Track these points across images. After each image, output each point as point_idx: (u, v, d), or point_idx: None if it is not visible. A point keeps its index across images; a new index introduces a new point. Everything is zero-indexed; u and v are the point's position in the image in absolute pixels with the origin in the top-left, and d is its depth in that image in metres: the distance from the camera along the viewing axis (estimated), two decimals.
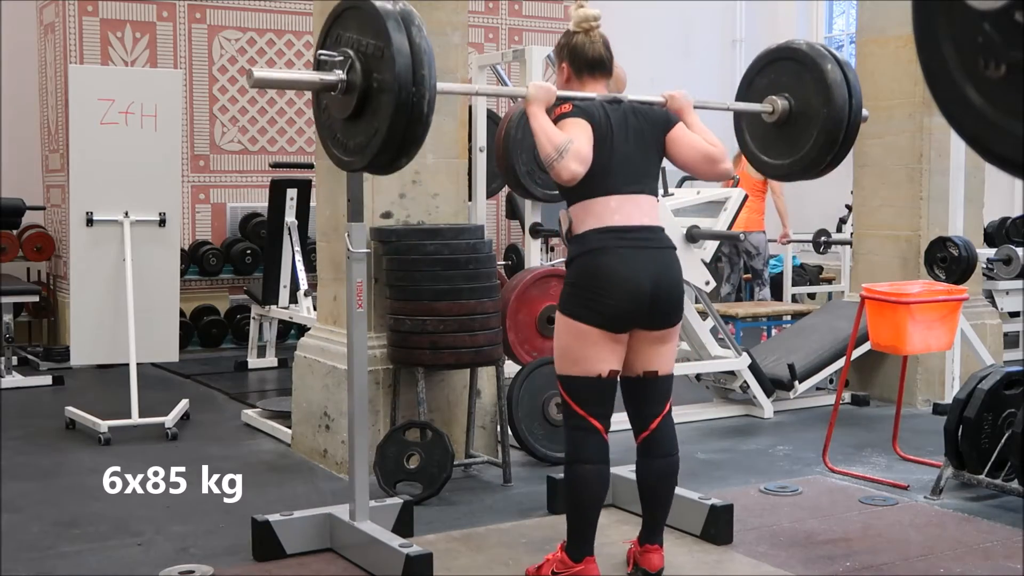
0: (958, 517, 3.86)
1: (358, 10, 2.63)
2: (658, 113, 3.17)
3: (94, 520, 3.81)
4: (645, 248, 3.03)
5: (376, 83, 2.54)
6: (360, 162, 2.68)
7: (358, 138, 2.63)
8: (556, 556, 3.11)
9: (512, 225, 8.58)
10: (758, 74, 3.45)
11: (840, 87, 3.23)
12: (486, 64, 6.03)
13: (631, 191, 3.05)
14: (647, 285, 2.98)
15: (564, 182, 2.96)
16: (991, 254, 6.75)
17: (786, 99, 3.34)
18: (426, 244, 4.15)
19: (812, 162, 3.33)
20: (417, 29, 2.53)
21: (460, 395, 4.42)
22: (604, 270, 2.97)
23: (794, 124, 3.33)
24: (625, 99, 3.12)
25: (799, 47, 3.34)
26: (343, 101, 2.62)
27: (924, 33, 1.45)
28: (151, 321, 5.36)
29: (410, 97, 2.48)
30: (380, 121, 2.52)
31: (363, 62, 2.57)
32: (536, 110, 2.99)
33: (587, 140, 2.96)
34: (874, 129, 6.08)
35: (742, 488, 4.20)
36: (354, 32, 2.62)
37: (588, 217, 3.03)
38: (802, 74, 3.29)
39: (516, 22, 8.82)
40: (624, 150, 3.05)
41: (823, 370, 5.70)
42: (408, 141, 2.54)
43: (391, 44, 2.48)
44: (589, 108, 3.04)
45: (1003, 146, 1.36)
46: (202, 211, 7.83)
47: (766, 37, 10.30)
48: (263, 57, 7.92)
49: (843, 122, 3.24)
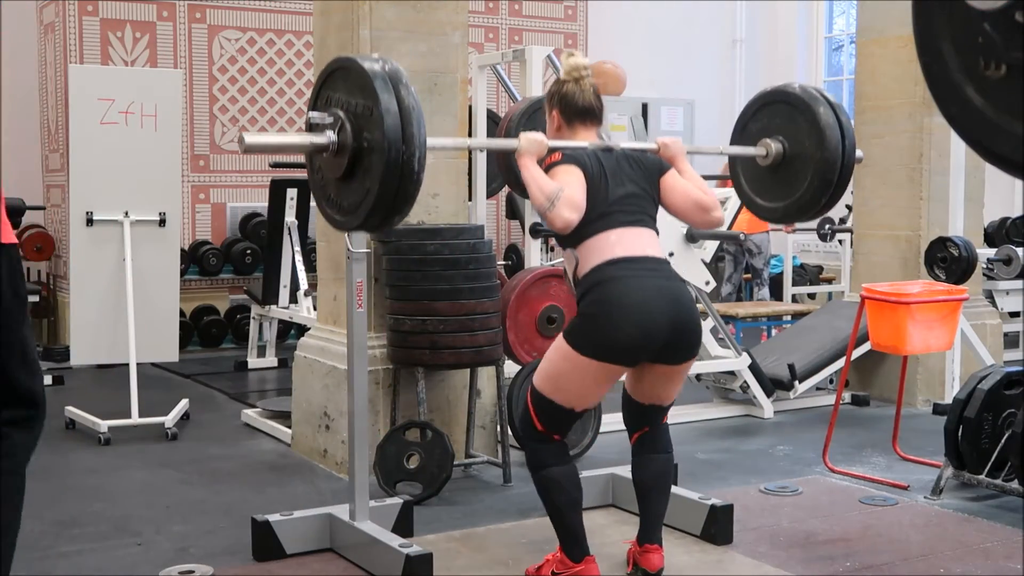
0: (958, 517, 3.86)
1: (346, 71, 2.65)
2: (651, 159, 3.18)
3: (94, 520, 3.81)
4: (654, 277, 2.99)
5: (366, 143, 2.56)
6: (354, 222, 2.69)
7: (351, 198, 2.65)
8: (556, 556, 3.11)
9: (512, 225, 8.58)
10: (752, 118, 3.47)
11: (833, 130, 3.23)
12: (486, 64, 6.03)
13: (630, 224, 3.04)
14: (661, 318, 2.93)
15: (559, 230, 2.95)
16: (991, 254, 6.75)
17: (780, 142, 3.35)
18: (426, 244, 4.15)
19: (807, 205, 3.34)
20: (405, 88, 2.55)
21: (460, 395, 4.42)
22: (614, 299, 2.93)
23: (788, 167, 3.34)
24: (617, 147, 3.14)
25: (792, 91, 3.35)
26: (335, 162, 2.65)
27: (924, 33, 1.46)
28: (151, 321, 5.36)
29: (400, 156, 2.49)
30: (372, 181, 2.55)
31: (353, 122, 2.59)
32: (527, 161, 3.00)
33: (579, 187, 2.96)
34: (874, 129, 6.09)
35: (742, 488, 4.20)
36: (343, 93, 2.64)
37: (592, 254, 3.00)
38: (795, 117, 3.31)
39: (516, 22, 8.82)
40: (620, 192, 3.05)
41: (823, 370, 5.70)
42: (400, 199, 2.56)
43: (379, 104, 2.50)
44: (579, 155, 3.05)
45: (1003, 146, 1.36)
46: (202, 211, 7.83)
47: (766, 37, 10.33)
48: (263, 57, 7.92)
49: (837, 165, 3.25)
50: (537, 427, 3.08)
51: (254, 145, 2.62)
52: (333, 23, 4.45)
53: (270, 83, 7.97)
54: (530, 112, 5.11)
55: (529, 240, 5.81)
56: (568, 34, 9.01)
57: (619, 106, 9.27)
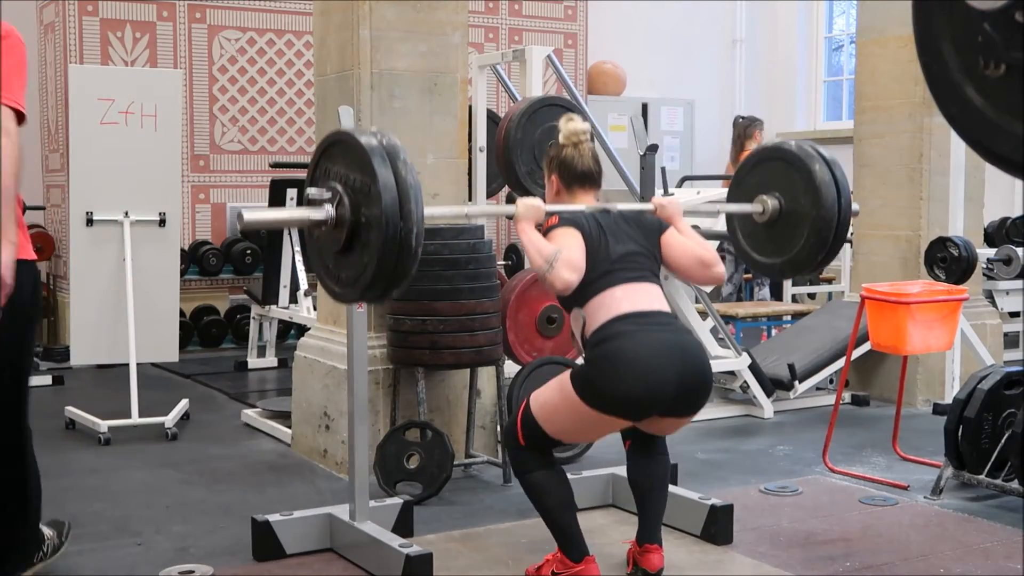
0: (958, 517, 3.86)
1: (344, 144, 2.66)
2: (649, 219, 3.20)
3: (94, 520, 3.81)
4: (664, 331, 2.97)
5: (364, 219, 2.57)
6: (353, 295, 2.71)
7: (349, 271, 2.67)
8: (556, 556, 3.11)
9: (512, 225, 8.57)
10: (748, 173, 3.48)
11: (829, 187, 3.25)
12: (486, 64, 6.03)
13: (635, 280, 3.04)
14: (670, 374, 2.91)
15: (559, 291, 2.96)
16: (991, 254, 6.74)
17: (776, 199, 3.36)
18: (426, 244, 4.12)
19: (803, 262, 3.36)
20: (403, 163, 2.55)
21: (460, 395, 4.42)
22: (622, 354, 2.90)
23: (785, 224, 3.35)
24: (614, 208, 3.15)
25: (788, 148, 3.37)
26: (333, 235, 2.66)
27: (924, 33, 1.46)
28: (151, 321, 5.36)
29: (398, 232, 2.50)
30: (369, 256, 2.56)
31: (351, 197, 2.60)
32: (525, 226, 3.00)
33: (578, 248, 2.97)
34: (874, 129, 6.09)
35: (742, 488, 4.20)
36: (341, 167, 2.65)
37: (599, 312, 2.99)
38: (791, 174, 3.33)
39: (516, 22, 8.82)
40: (621, 250, 3.06)
41: (823, 370, 5.70)
42: (399, 274, 2.57)
43: (377, 180, 2.50)
44: (577, 218, 3.06)
45: (1003, 146, 1.36)
46: (202, 211, 7.83)
47: (766, 37, 10.33)
48: (263, 57, 7.92)
49: (833, 223, 3.26)
50: (520, 441, 3.09)
51: (252, 222, 2.65)
52: (333, 23, 4.45)
53: (270, 83, 7.97)
54: (530, 112, 5.12)
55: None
56: (568, 34, 9.01)
57: (619, 106, 9.29)
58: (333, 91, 4.46)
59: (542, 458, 3.08)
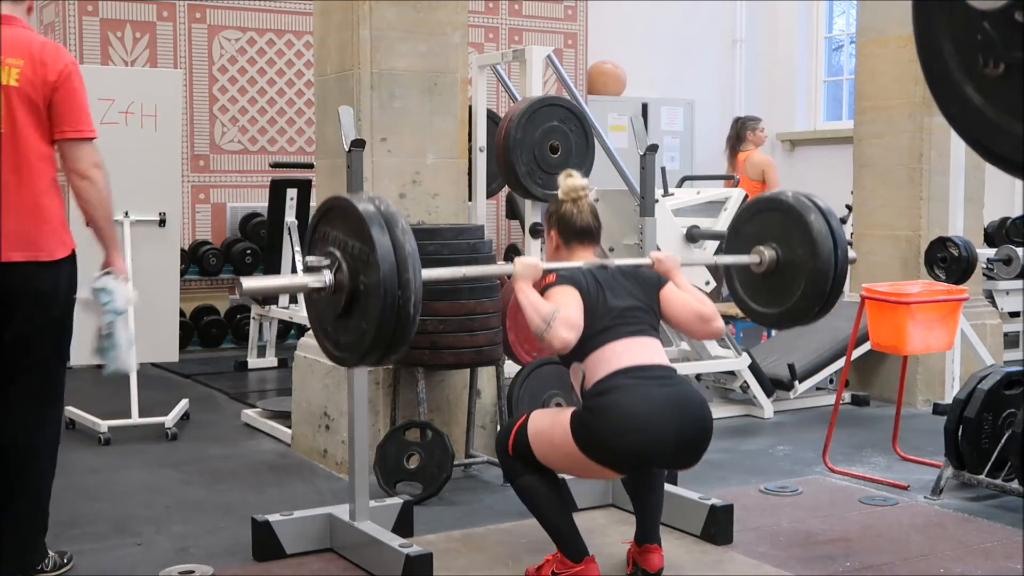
0: (958, 517, 3.86)
1: (342, 210, 2.68)
2: (648, 274, 3.20)
3: (94, 520, 3.82)
4: (663, 386, 2.97)
5: (363, 286, 2.59)
6: (352, 360, 2.74)
7: (348, 336, 2.68)
8: (556, 556, 3.11)
9: (512, 225, 8.58)
10: (745, 223, 3.50)
11: (825, 239, 3.26)
12: (486, 64, 6.02)
13: (635, 334, 3.04)
14: (670, 429, 2.91)
15: (557, 350, 2.95)
16: (991, 254, 6.74)
17: (773, 249, 3.38)
18: (426, 244, 4.13)
19: (800, 313, 3.38)
20: (402, 231, 2.56)
21: (460, 395, 4.42)
22: (621, 409, 2.90)
23: (782, 275, 3.37)
24: (612, 264, 3.15)
25: (785, 199, 3.38)
26: (332, 300, 2.68)
27: (924, 33, 1.46)
28: (151, 321, 5.35)
29: (396, 301, 2.52)
30: (368, 323, 2.57)
31: (350, 264, 2.62)
32: (522, 285, 3.00)
33: (576, 306, 2.96)
34: (874, 129, 6.09)
35: (742, 488, 4.20)
36: (340, 232, 2.67)
37: (598, 366, 2.98)
38: (788, 225, 3.34)
39: (516, 22, 8.82)
40: (619, 304, 3.05)
41: (823, 370, 5.70)
42: (397, 341, 2.59)
43: (375, 250, 2.52)
44: (575, 275, 3.06)
45: (1003, 146, 1.36)
46: (202, 211, 7.83)
47: (766, 37, 10.33)
48: (263, 57, 7.92)
49: (829, 275, 3.27)
50: (509, 452, 3.11)
51: (252, 290, 2.67)
52: (333, 23, 4.45)
53: (270, 83, 7.97)
54: (530, 112, 5.11)
55: (529, 240, 5.80)
56: (568, 34, 9.01)
57: (619, 106, 9.28)
58: (333, 91, 4.46)
59: (532, 463, 3.09)
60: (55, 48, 3.13)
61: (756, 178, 8.17)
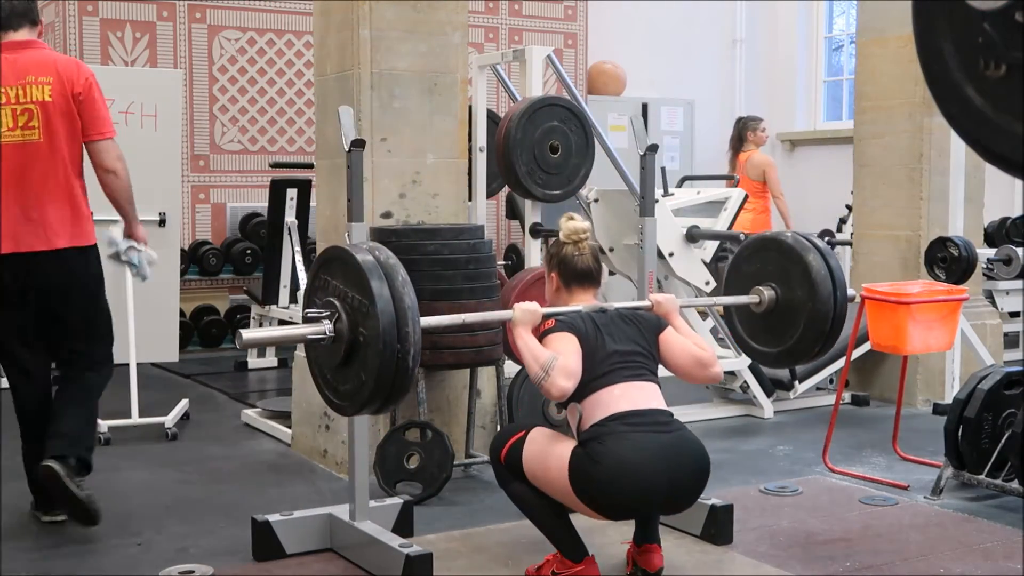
0: (958, 517, 3.86)
1: (342, 261, 2.68)
2: (647, 317, 3.20)
3: None
4: (659, 433, 2.96)
5: (362, 337, 2.60)
6: (351, 408, 2.76)
7: (347, 385, 2.70)
8: (556, 556, 3.11)
9: (512, 225, 8.58)
10: (745, 261, 3.51)
11: (824, 281, 3.27)
12: (486, 64, 6.03)
13: (633, 379, 3.04)
14: (662, 479, 2.91)
15: (555, 398, 2.97)
16: (991, 254, 6.75)
17: (773, 289, 3.39)
18: (426, 244, 4.15)
19: (800, 353, 3.40)
20: (401, 283, 2.57)
21: (460, 395, 4.42)
22: (614, 458, 2.89)
23: (781, 314, 3.38)
24: (611, 308, 3.15)
25: (784, 239, 3.39)
26: (332, 349, 2.69)
27: (924, 33, 1.46)
28: (151, 321, 5.36)
29: (395, 354, 2.53)
30: (367, 374, 2.58)
31: (349, 315, 2.63)
32: (521, 331, 3.01)
33: (574, 353, 2.97)
34: (874, 129, 6.09)
35: (742, 488, 4.20)
36: (340, 281, 2.68)
37: (596, 409, 2.98)
38: (787, 265, 3.35)
39: (516, 22, 8.82)
40: (618, 348, 3.05)
41: (823, 370, 5.70)
42: (395, 392, 2.60)
43: (375, 302, 2.53)
44: (574, 320, 3.06)
45: (1003, 146, 1.36)
46: (202, 211, 7.83)
47: (766, 37, 10.33)
48: (263, 57, 7.93)
49: (829, 315, 3.28)
50: (501, 463, 3.14)
51: (251, 341, 2.69)
52: (333, 23, 4.45)
53: (270, 83, 7.97)
54: (530, 112, 5.12)
55: (529, 240, 5.81)
56: (568, 34, 9.01)
57: (619, 106, 9.28)
58: (333, 91, 4.46)
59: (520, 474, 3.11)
60: (76, 64, 3.71)
61: (757, 178, 8.17)
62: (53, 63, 3.63)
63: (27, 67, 3.58)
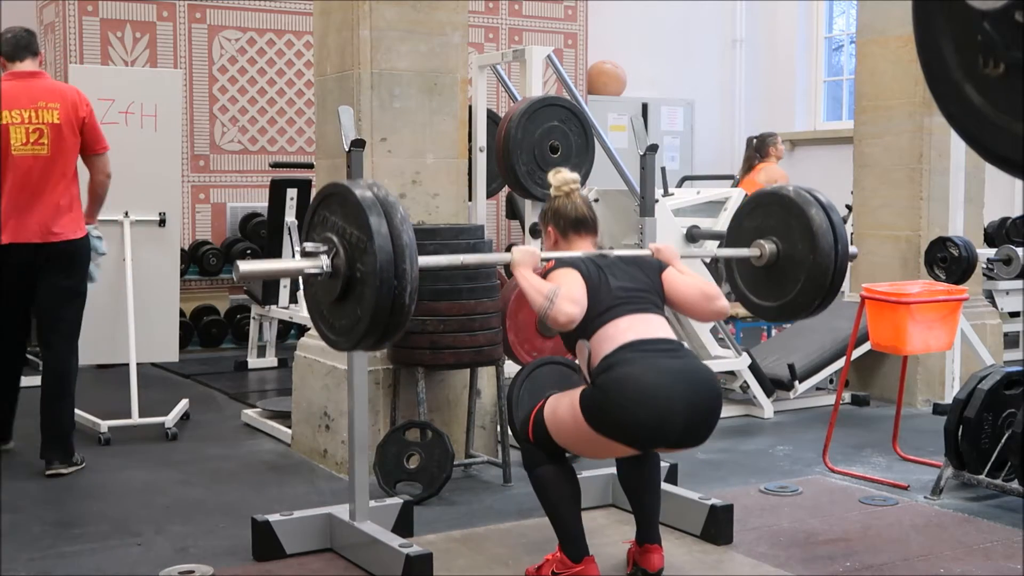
0: (958, 517, 3.86)
1: (341, 197, 2.67)
2: (649, 260, 3.21)
3: (94, 520, 3.81)
4: (671, 359, 2.94)
5: (359, 273, 2.58)
6: (347, 344, 2.74)
7: (343, 320, 2.68)
8: (556, 556, 3.11)
9: (512, 225, 8.58)
10: (747, 216, 3.50)
11: (826, 234, 3.25)
12: (486, 64, 6.03)
13: (639, 311, 3.03)
14: (679, 403, 2.87)
15: (562, 326, 2.94)
16: (991, 254, 6.74)
17: (774, 243, 3.38)
18: (425, 244, 4.14)
19: (800, 307, 3.37)
20: (400, 220, 2.55)
21: (460, 395, 4.42)
22: (630, 382, 2.87)
23: (782, 268, 3.37)
24: (611, 253, 3.15)
25: (786, 193, 3.38)
26: (328, 285, 2.68)
27: (924, 33, 1.46)
28: (151, 321, 5.35)
29: (391, 291, 2.52)
30: (363, 309, 2.57)
31: (347, 250, 2.62)
32: (522, 270, 3.00)
33: (577, 285, 2.97)
34: (874, 129, 6.09)
35: (742, 488, 4.20)
36: (339, 217, 2.66)
37: (604, 343, 2.96)
38: (789, 219, 3.34)
39: (516, 22, 8.82)
40: (622, 285, 3.05)
41: (823, 370, 5.70)
42: (392, 329, 2.59)
43: (373, 239, 2.51)
44: (575, 261, 3.07)
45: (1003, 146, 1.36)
46: (202, 211, 7.83)
47: (766, 37, 10.33)
48: (263, 57, 7.92)
49: (829, 269, 3.27)
50: (531, 441, 3.11)
51: (249, 272, 2.67)
52: (333, 23, 4.45)
53: (270, 83, 7.97)
54: (530, 112, 5.12)
55: (529, 240, 5.80)
56: (568, 34, 9.01)
57: (619, 106, 9.28)
58: (333, 91, 4.46)
59: (552, 454, 3.09)
60: (76, 92, 4.53)
61: (758, 179, 8.16)
62: (60, 91, 4.46)
63: (38, 94, 4.38)
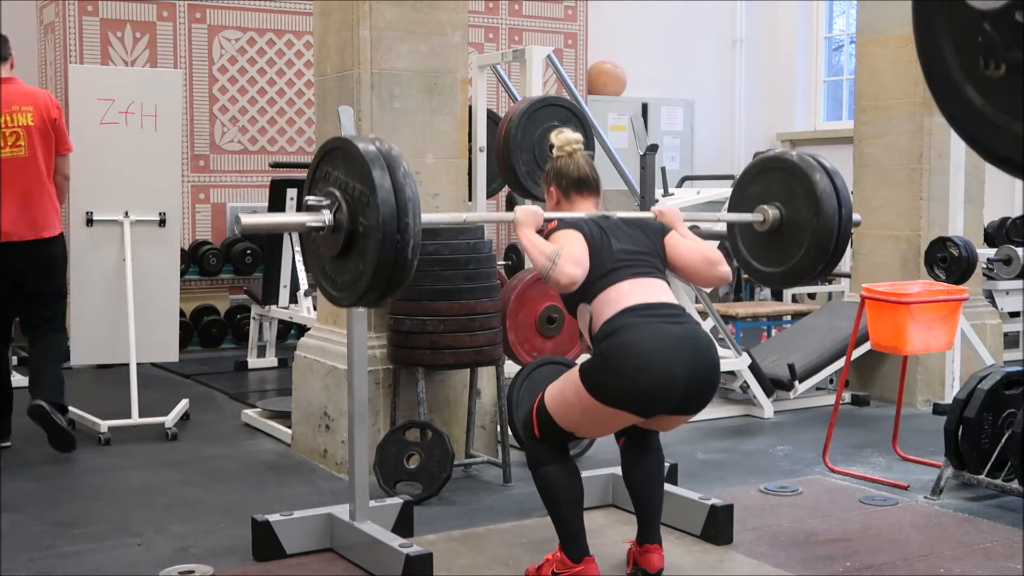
0: (958, 517, 3.86)
1: (344, 151, 2.65)
2: (652, 223, 3.20)
3: (94, 520, 3.81)
4: (672, 324, 2.94)
5: (362, 227, 2.57)
6: (349, 299, 2.73)
7: (345, 275, 2.67)
8: (556, 556, 3.11)
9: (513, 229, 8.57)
10: (750, 182, 3.49)
11: (829, 198, 3.25)
12: (486, 64, 6.03)
13: (641, 275, 3.03)
14: (680, 368, 2.87)
15: (564, 288, 2.93)
16: (991, 254, 6.74)
17: (777, 208, 3.37)
18: (426, 244, 4.14)
19: (803, 271, 3.37)
20: (403, 174, 2.54)
21: (460, 395, 4.42)
22: (631, 348, 2.86)
23: (785, 233, 3.36)
24: (614, 215, 3.15)
25: (789, 158, 3.37)
26: (331, 240, 2.67)
27: (924, 33, 1.46)
28: (151, 321, 5.35)
29: (394, 244, 2.51)
30: (366, 264, 2.56)
31: (349, 204, 2.60)
32: (525, 230, 3.00)
33: (580, 246, 2.96)
34: (874, 129, 6.09)
35: (742, 488, 4.20)
36: (341, 172, 2.65)
37: (605, 307, 2.96)
38: (792, 184, 3.33)
39: (516, 22, 8.82)
40: (624, 247, 3.05)
41: (823, 370, 5.70)
42: (394, 283, 2.58)
43: (376, 192, 2.50)
44: (577, 221, 3.06)
45: (1003, 146, 1.36)
46: (202, 211, 7.83)
47: (766, 37, 10.33)
48: (263, 57, 7.92)
49: (833, 233, 3.26)
50: (536, 435, 3.09)
51: (250, 226, 2.66)
52: (333, 23, 4.45)
53: (270, 83, 7.97)
54: (530, 112, 5.12)
55: None
56: (568, 34, 9.01)
57: (619, 106, 9.29)
58: (333, 91, 4.46)
59: (557, 452, 3.08)
60: (47, 94, 4.81)
61: None
62: (32, 95, 4.70)
63: (12, 98, 4.60)
